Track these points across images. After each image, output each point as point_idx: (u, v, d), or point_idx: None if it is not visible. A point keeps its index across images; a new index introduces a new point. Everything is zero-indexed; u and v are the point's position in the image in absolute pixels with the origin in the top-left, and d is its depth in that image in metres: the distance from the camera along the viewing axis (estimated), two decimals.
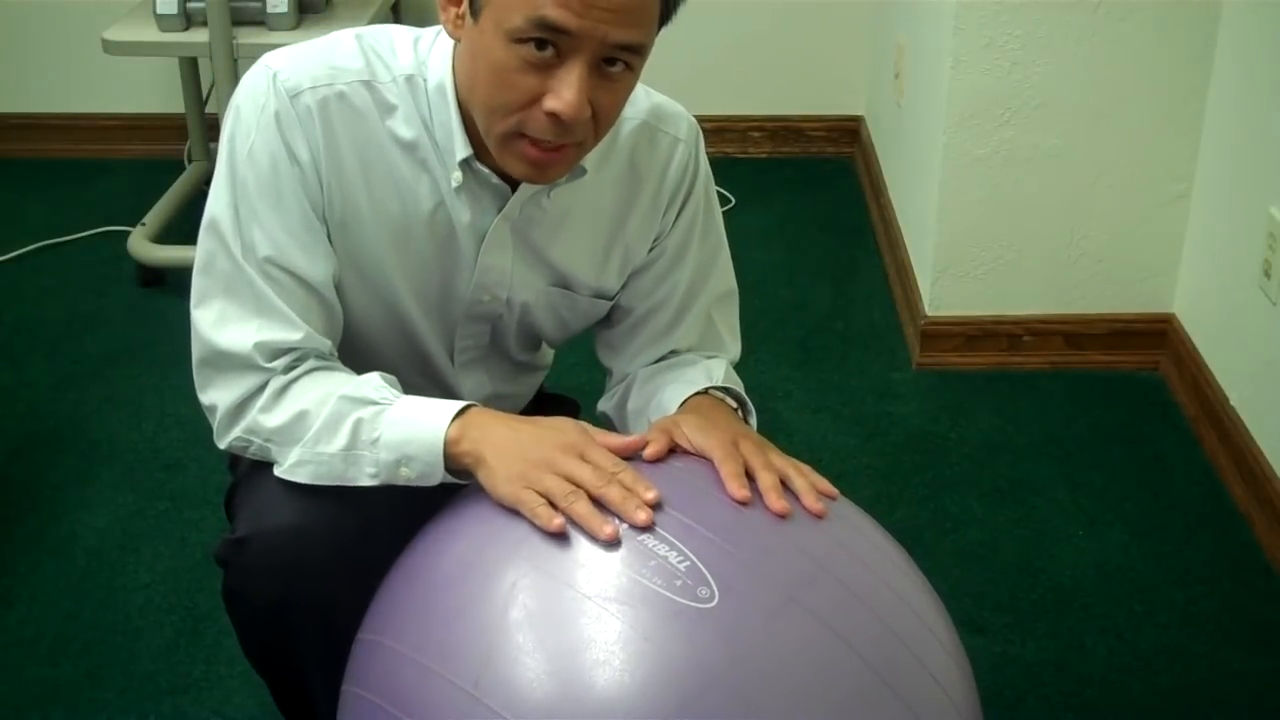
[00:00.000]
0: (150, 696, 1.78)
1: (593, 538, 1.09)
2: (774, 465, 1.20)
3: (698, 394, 1.37)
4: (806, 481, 1.19)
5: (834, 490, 1.21)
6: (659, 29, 1.20)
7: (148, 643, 1.87)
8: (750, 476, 1.18)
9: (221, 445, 1.30)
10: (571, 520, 1.10)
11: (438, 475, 1.19)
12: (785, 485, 1.18)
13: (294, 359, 1.25)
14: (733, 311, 1.52)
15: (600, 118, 1.20)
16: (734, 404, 1.39)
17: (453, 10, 1.21)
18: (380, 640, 1.14)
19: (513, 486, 1.13)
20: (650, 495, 1.11)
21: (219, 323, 1.26)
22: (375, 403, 1.21)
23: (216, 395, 1.27)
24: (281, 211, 1.25)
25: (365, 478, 1.20)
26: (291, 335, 1.25)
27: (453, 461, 1.18)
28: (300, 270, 1.26)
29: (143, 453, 2.28)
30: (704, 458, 1.21)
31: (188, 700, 1.77)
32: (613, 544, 1.08)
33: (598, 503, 1.11)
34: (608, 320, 1.49)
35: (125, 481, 2.21)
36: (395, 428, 1.19)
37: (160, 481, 2.21)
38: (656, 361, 1.47)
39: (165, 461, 2.25)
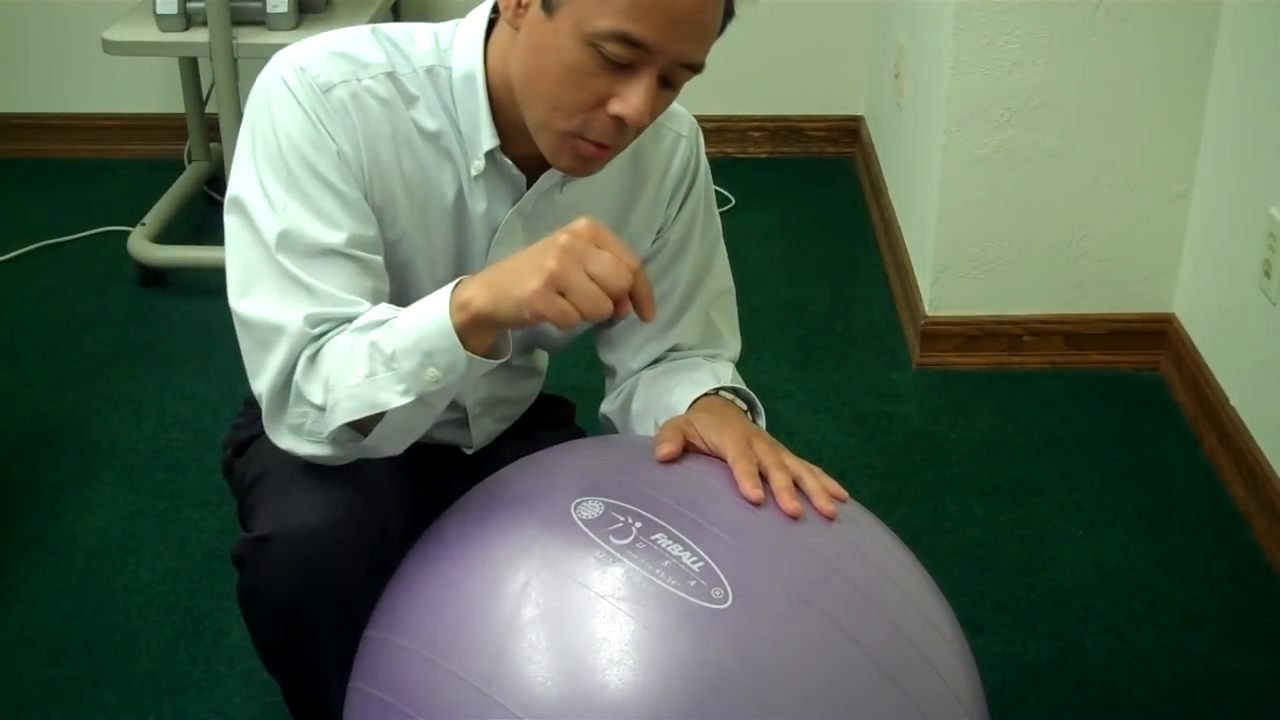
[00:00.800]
0: (150, 696, 1.78)
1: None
2: (787, 466, 1.20)
3: (707, 395, 1.37)
4: (818, 483, 1.20)
5: (844, 493, 1.22)
6: None
7: (148, 643, 1.87)
8: (763, 476, 1.18)
9: (279, 438, 1.24)
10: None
11: (461, 361, 1.13)
12: (797, 486, 1.19)
13: (330, 326, 1.22)
14: (731, 309, 1.53)
15: (648, 122, 1.22)
16: (743, 405, 1.39)
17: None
18: (390, 637, 1.14)
19: (544, 297, 1.08)
20: (650, 315, 1.12)
21: (270, 304, 1.22)
22: (381, 322, 1.18)
23: (264, 379, 1.23)
24: (335, 198, 1.24)
25: (396, 397, 1.15)
26: (350, 309, 1.21)
27: (473, 329, 1.13)
28: (358, 254, 1.24)
29: (143, 453, 2.28)
30: (717, 457, 1.21)
31: (188, 700, 1.77)
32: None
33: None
34: (608, 318, 1.49)
35: (125, 481, 2.21)
36: (405, 334, 1.15)
37: (160, 481, 2.21)
38: (658, 361, 1.47)
39: (165, 461, 2.25)
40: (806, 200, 3.22)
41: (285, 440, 1.24)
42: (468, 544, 1.15)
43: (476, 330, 1.13)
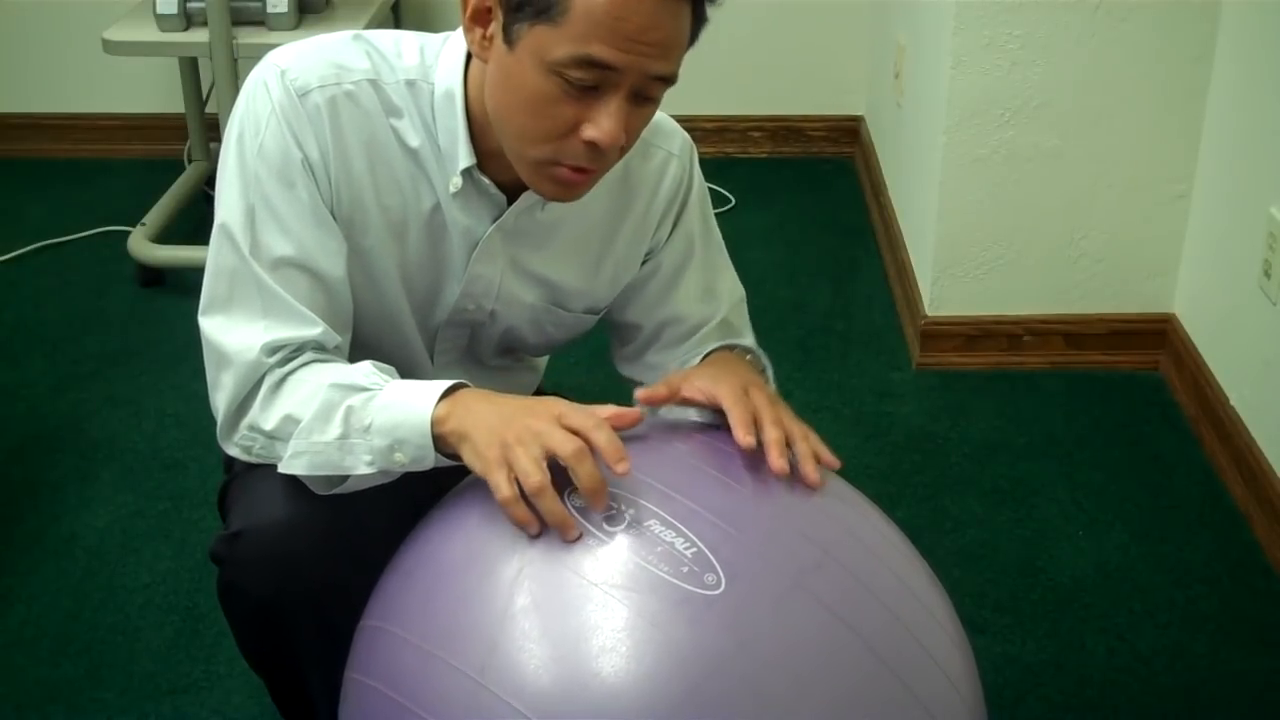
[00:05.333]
0: (150, 696, 1.78)
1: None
2: (781, 423, 1.18)
3: (718, 351, 1.36)
4: (809, 448, 1.18)
5: (836, 461, 1.20)
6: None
7: (148, 643, 1.87)
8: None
9: (227, 448, 1.29)
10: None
11: (429, 458, 1.17)
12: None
13: (291, 351, 1.25)
14: (744, 313, 1.53)
15: (627, 142, 1.22)
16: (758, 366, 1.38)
17: (478, 31, 1.20)
18: (384, 627, 1.14)
19: (484, 461, 1.12)
20: (621, 468, 1.09)
21: (229, 326, 1.25)
22: (365, 389, 1.20)
23: (220, 396, 1.27)
24: (296, 208, 1.25)
25: (362, 465, 1.19)
26: (305, 332, 1.25)
27: (441, 442, 1.16)
28: (316, 267, 1.26)
29: (143, 453, 2.28)
30: (713, 407, 1.20)
31: (188, 700, 1.77)
32: (578, 538, 1.08)
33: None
34: (621, 338, 1.50)
35: (125, 481, 2.21)
36: (386, 412, 1.17)
37: (160, 481, 2.21)
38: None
39: (165, 461, 2.26)
40: (806, 200, 3.22)
41: (232, 451, 1.29)
42: (461, 533, 1.15)
43: (447, 444, 1.16)
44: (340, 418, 1.19)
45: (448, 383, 1.19)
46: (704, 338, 1.46)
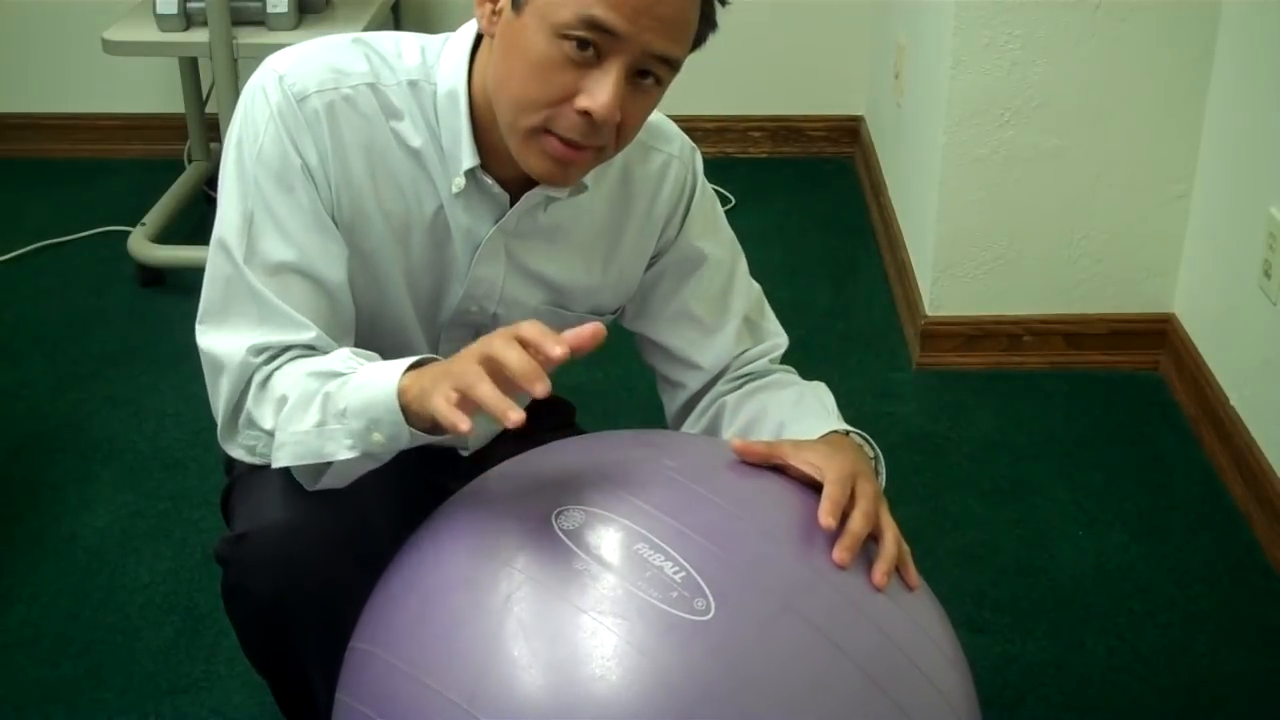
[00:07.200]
0: (150, 696, 1.78)
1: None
2: (872, 519, 1.16)
3: (836, 435, 1.32)
4: (891, 554, 1.15)
5: (916, 581, 1.17)
6: (690, 51, 1.21)
7: (148, 643, 1.87)
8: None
9: (231, 451, 1.29)
10: (479, 406, 1.04)
11: (404, 434, 1.14)
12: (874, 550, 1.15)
13: (276, 352, 1.24)
14: (767, 308, 1.52)
15: (624, 128, 1.21)
16: (871, 453, 1.35)
17: (489, 6, 1.21)
18: (373, 650, 1.13)
19: (433, 397, 1.07)
20: (557, 351, 1.04)
21: (223, 334, 1.25)
22: (340, 374, 1.19)
23: (219, 401, 1.27)
24: (296, 213, 1.25)
25: (343, 450, 1.17)
26: (296, 336, 1.25)
27: (411, 415, 1.13)
28: (316, 272, 1.26)
29: (143, 453, 2.28)
30: (810, 481, 1.18)
31: (188, 700, 1.77)
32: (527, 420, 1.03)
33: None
34: (653, 360, 1.49)
35: (125, 481, 2.21)
36: (358, 394, 1.16)
37: (160, 481, 2.21)
38: (738, 379, 1.46)
39: (165, 461, 2.25)
40: (806, 200, 3.22)
41: (236, 454, 1.29)
42: (450, 556, 1.14)
43: (415, 413, 1.13)
44: (318, 405, 1.18)
45: (414, 358, 1.17)
46: (736, 339, 1.46)
